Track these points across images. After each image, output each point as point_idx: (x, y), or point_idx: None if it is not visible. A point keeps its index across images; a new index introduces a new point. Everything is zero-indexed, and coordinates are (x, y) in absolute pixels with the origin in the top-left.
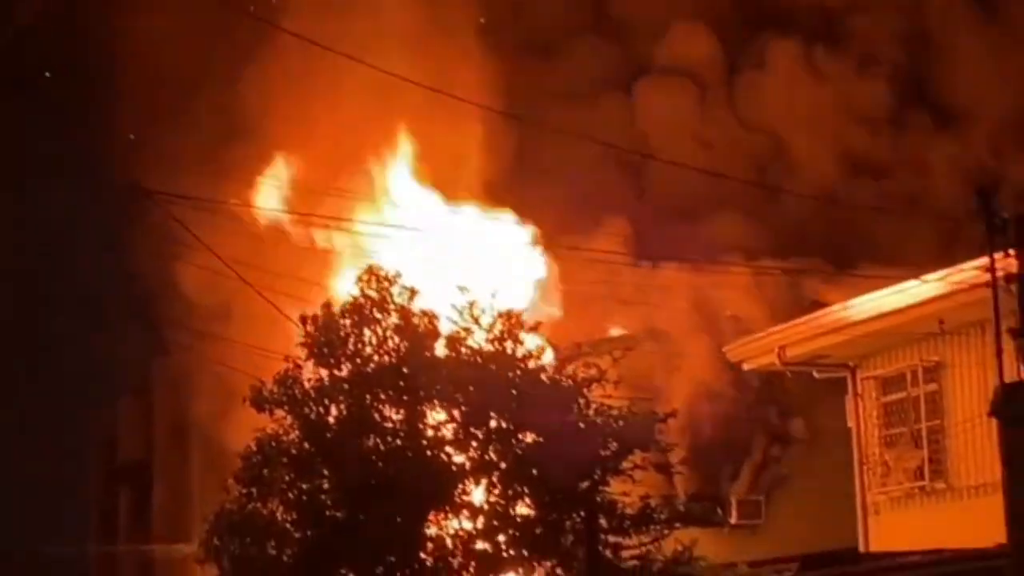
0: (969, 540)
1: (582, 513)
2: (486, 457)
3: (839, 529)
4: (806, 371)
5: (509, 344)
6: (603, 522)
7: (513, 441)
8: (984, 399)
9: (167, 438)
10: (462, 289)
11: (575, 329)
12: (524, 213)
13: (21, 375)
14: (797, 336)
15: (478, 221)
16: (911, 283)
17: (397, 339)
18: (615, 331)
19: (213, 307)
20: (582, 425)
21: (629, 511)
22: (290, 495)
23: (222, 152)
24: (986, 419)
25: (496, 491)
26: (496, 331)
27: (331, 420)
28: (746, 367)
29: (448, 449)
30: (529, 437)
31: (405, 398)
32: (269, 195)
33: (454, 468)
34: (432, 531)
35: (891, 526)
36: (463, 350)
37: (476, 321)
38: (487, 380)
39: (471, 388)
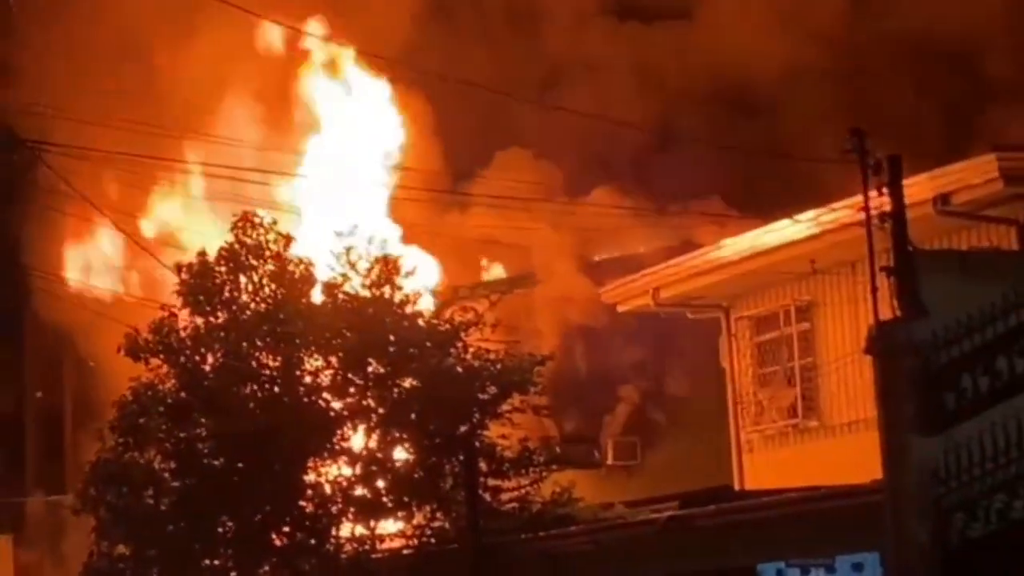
0: (843, 477)
1: (461, 457)
2: (364, 403)
3: (714, 469)
4: (680, 312)
5: (387, 290)
6: (482, 466)
7: (391, 386)
8: (855, 337)
9: (39, 389)
10: (339, 234)
11: (453, 273)
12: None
13: None
14: (671, 277)
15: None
16: (783, 222)
17: (273, 286)
18: (493, 273)
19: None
20: (460, 369)
21: (508, 454)
22: (167, 444)
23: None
24: (858, 357)
25: (375, 437)
26: (373, 277)
27: (207, 368)
28: (621, 308)
29: (326, 395)
30: (407, 382)
31: (282, 345)
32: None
33: (332, 415)
34: (311, 478)
35: (765, 464)
36: (340, 296)
37: (353, 267)
38: (364, 326)
39: (348, 334)
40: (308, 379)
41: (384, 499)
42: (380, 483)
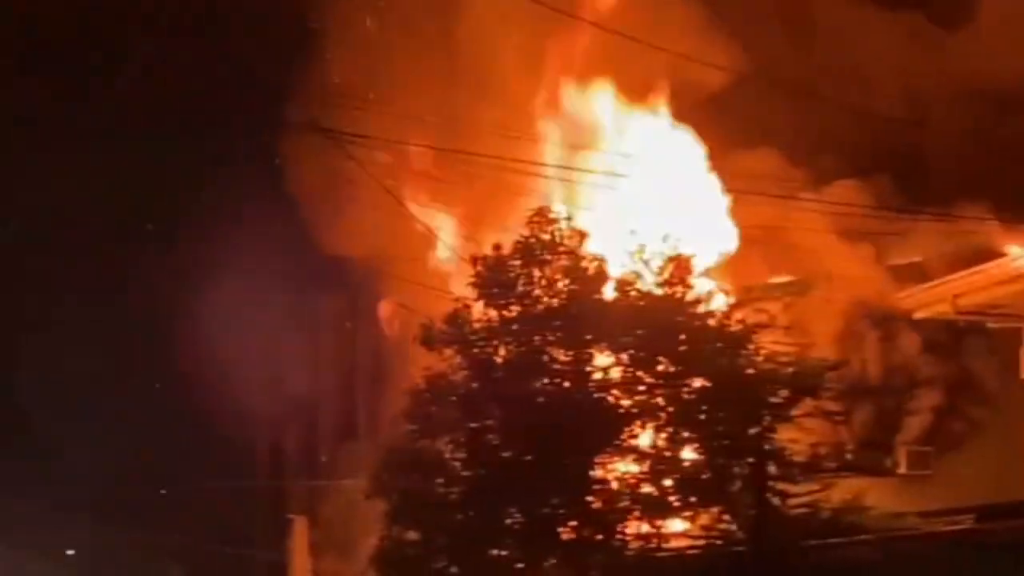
0: None
1: (750, 460)
2: (653, 401)
3: (1014, 483)
4: (979, 321)
5: (679, 289)
6: (771, 469)
7: (681, 385)
8: None
9: (333, 374)
10: (632, 233)
11: (745, 273)
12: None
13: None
14: (972, 284)
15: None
16: None
17: (566, 281)
18: (784, 277)
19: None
20: (751, 371)
21: (797, 459)
22: (458, 434)
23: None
24: None
25: (663, 436)
26: (666, 275)
27: (499, 361)
28: (917, 315)
29: (615, 392)
30: (697, 382)
31: (573, 341)
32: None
33: (621, 412)
34: (598, 474)
35: None
36: (632, 293)
37: (646, 265)
38: (655, 324)
39: (639, 332)
40: (598, 375)
41: (671, 498)
42: (667, 482)
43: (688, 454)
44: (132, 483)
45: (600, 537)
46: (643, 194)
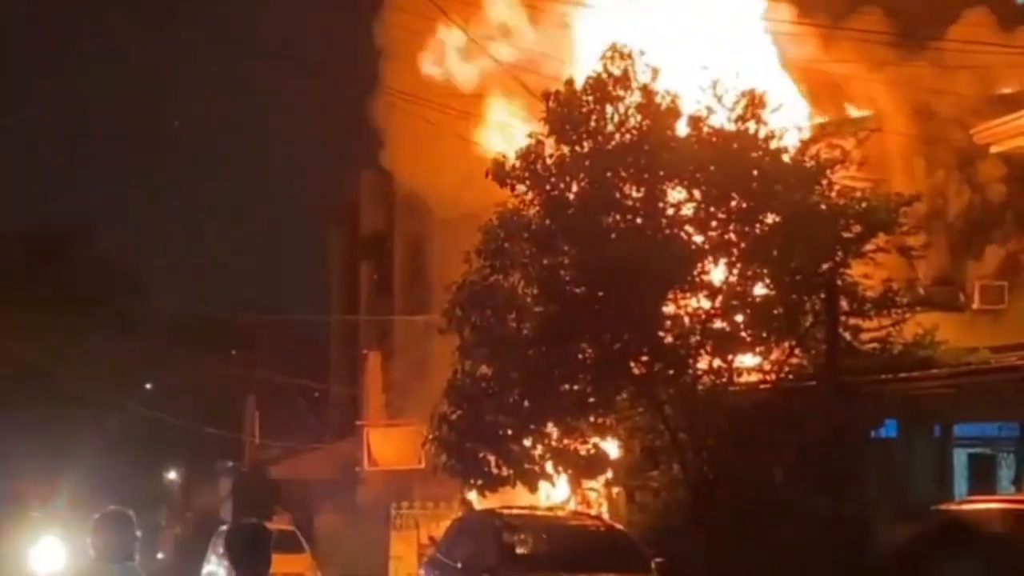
0: None
1: (822, 295)
2: (726, 237)
3: None
4: None
5: (752, 124)
6: (843, 304)
7: (754, 222)
8: None
9: (407, 211)
10: (705, 68)
11: (819, 109)
12: None
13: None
14: None
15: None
16: None
17: (639, 117)
18: (858, 111)
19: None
20: (824, 207)
21: (870, 294)
22: (531, 270)
23: None
24: None
25: (735, 271)
26: (739, 111)
27: (572, 197)
28: (994, 150)
29: (688, 228)
30: (770, 218)
31: (645, 176)
32: None
33: (693, 248)
34: (670, 309)
35: None
36: (704, 129)
37: (719, 100)
38: (728, 160)
39: (712, 168)
40: (670, 211)
41: (742, 333)
42: (739, 317)
43: (760, 290)
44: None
45: (671, 372)
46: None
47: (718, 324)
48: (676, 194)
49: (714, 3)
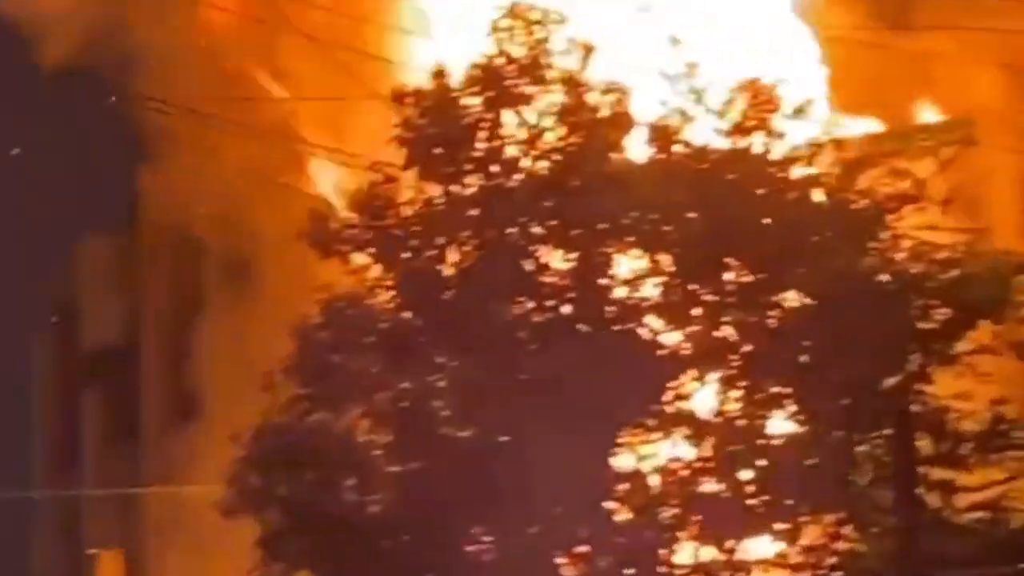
0: None
1: (887, 431)
2: (718, 334)
3: None
4: None
5: (757, 138)
6: (924, 445)
7: (765, 306)
8: None
9: (165, 305)
10: (675, 43)
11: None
12: None
13: None
14: None
15: None
16: None
17: (562, 131)
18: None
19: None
20: (886, 277)
21: (969, 426)
22: (380, 400)
23: None
24: None
25: (736, 393)
26: (734, 116)
27: (448, 271)
28: None
29: (651, 321)
30: (793, 298)
31: (577, 233)
32: None
33: (662, 353)
34: (626, 462)
35: None
36: (676, 148)
37: (700, 99)
38: (720, 201)
39: (692, 215)
40: (621, 292)
41: (752, 501)
42: (745, 473)
43: (781, 425)
44: None
45: (629, 572)
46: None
47: (709, 486)
48: (631, 262)
49: None
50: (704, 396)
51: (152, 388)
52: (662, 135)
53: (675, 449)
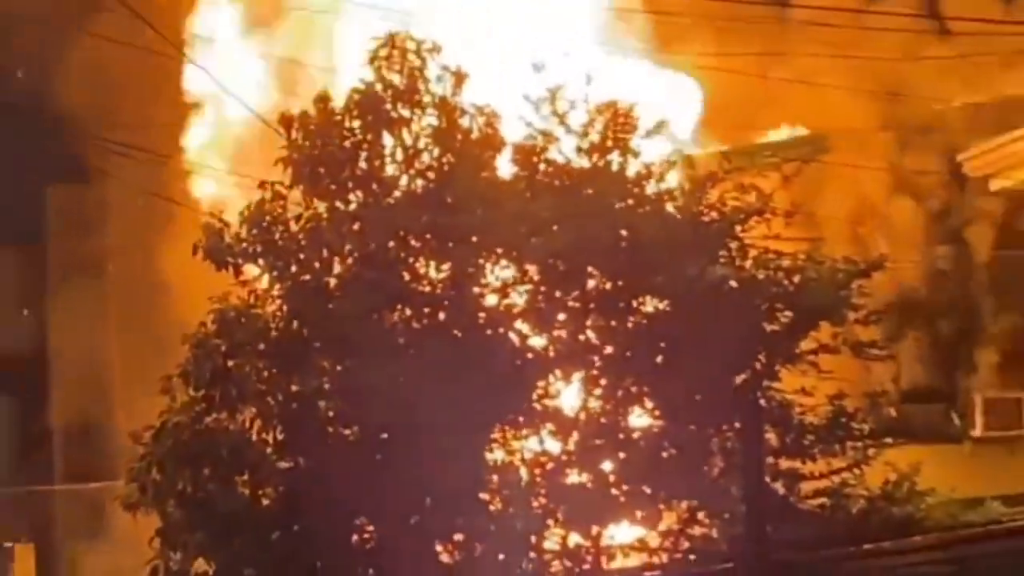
0: None
1: (737, 424)
2: (581, 338)
3: None
4: None
5: (615, 157)
6: (771, 438)
7: (624, 311)
8: None
9: (71, 316)
10: (537, 69)
11: (719, 130)
12: None
13: None
14: None
15: None
16: None
17: (436, 151)
18: (783, 131)
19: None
20: (734, 283)
21: (812, 419)
22: (271, 402)
23: None
24: None
25: (598, 392)
26: (594, 136)
27: (332, 282)
28: (995, 186)
29: (520, 326)
30: (650, 305)
31: (450, 245)
32: None
33: (530, 356)
34: (497, 457)
35: None
36: (542, 166)
37: (562, 120)
38: (581, 214)
39: (555, 228)
40: (492, 300)
41: (614, 490)
42: (607, 465)
43: (639, 419)
44: None
45: (502, 556)
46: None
47: (574, 477)
48: (501, 272)
49: None
50: (569, 395)
51: (60, 394)
52: (527, 154)
53: (543, 444)
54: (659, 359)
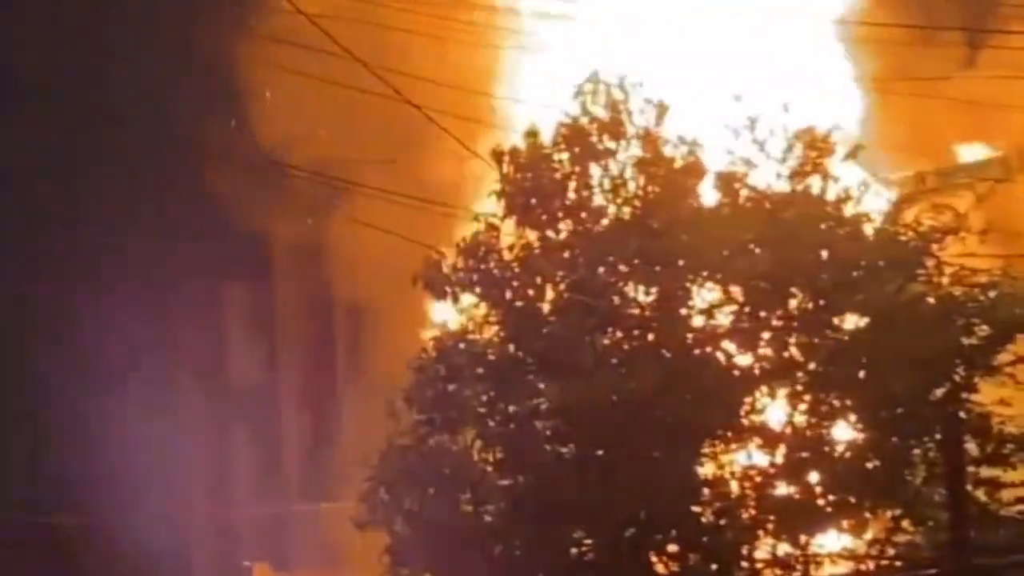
0: None
1: (938, 436)
2: (785, 355)
3: None
4: None
5: (814, 181)
6: (971, 448)
7: (826, 329)
8: None
9: (285, 351)
10: (737, 99)
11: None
12: None
13: None
14: None
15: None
16: None
17: (641, 180)
18: (976, 152)
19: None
20: (932, 300)
21: (1012, 429)
22: (489, 423)
23: None
24: None
25: (803, 407)
26: (793, 162)
27: (546, 308)
28: None
29: (727, 345)
30: (850, 322)
31: (657, 270)
32: None
33: (736, 374)
34: (708, 471)
35: None
36: (743, 192)
37: (761, 148)
38: (782, 237)
39: (757, 251)
40: (698, 321)
41: (820, 501)
42: (813, 477)
43: (843, 433)
44: None
45: (715, 567)
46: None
47: (782, 489)
48: (706, 294)
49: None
50: (775, 410)
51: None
52: (729, 181)
53: (751, 458)
54: (861, 374)
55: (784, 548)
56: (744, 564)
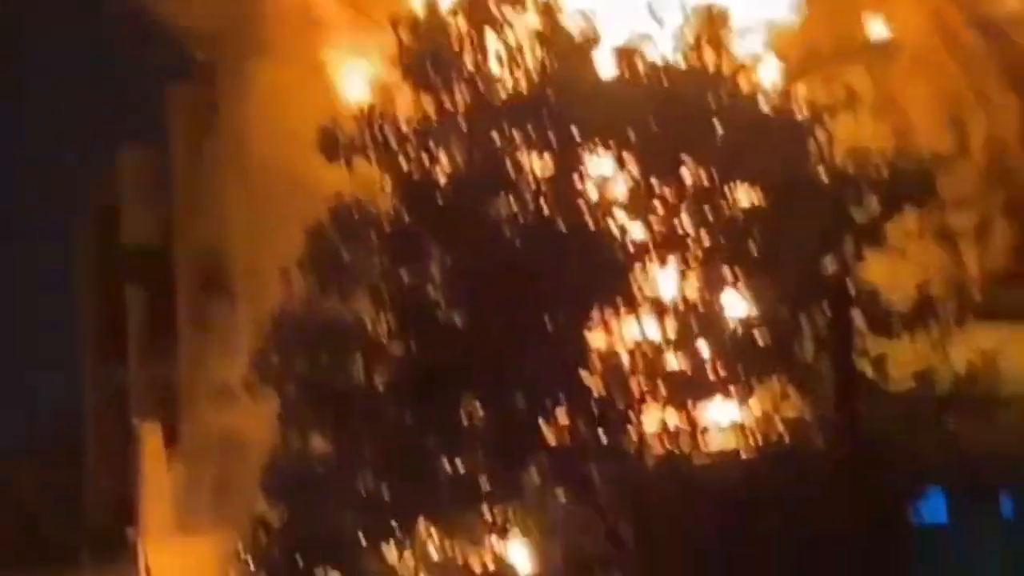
0: None
1: (827, 308)
2: (678, 227)
3: None
4: None
5: (710, 56)
6: (860, 321)
7: (719, 201)
8: None
9: (192, 206)
10: None
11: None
12: None
13: None
14: None
15: None
16: None
17: (539, 52)
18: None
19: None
20: (824, 173)
21: (898, 304)
22: (384, 290)
23: None
24: None
25: (695, 279)
26: (690, 36)
27: (441, 176)
28: None
29: (620, 216)
30: (744, 195)
31: (553, 140)
32: None
33: (629, 245)
34: (599, 342)
35: None
36: (640, 66)
37: (659, 23)
38: (678, 111)
39: (653, 123)
40: (593, 191)
41: (710, 374)
42: (703, 349)
43: (734, 304)
44: None
45: (604, 437)
46: None
47: (672, 362)
48: (601, 165)
49: None
50: (668, 281)
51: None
52: (626, 55)
53: (643, 328)
54: (752, 246)
55: (674, 419)
56: (633, 435)
